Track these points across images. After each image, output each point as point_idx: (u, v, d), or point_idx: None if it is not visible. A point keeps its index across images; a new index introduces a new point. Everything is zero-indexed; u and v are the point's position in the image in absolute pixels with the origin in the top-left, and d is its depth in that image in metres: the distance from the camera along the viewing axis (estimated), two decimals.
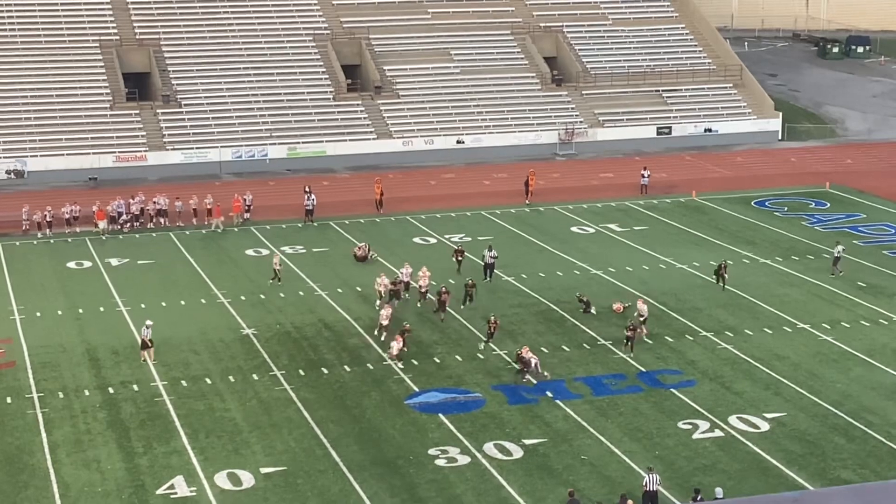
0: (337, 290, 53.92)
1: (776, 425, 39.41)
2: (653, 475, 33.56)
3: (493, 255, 55.60)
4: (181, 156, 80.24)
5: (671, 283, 55.06)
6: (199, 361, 45.44)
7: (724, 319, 49.99)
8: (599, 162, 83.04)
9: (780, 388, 42.58)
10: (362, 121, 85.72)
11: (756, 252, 60.11)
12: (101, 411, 40.73)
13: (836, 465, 36.57)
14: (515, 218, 67.55)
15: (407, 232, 64.50)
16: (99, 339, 47.84)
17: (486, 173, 79.33)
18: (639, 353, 45.91)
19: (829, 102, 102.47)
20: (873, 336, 48.07)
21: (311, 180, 72.65)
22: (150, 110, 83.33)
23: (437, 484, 35.40)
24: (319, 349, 46.83)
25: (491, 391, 42.19)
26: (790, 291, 53.81)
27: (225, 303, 52.39)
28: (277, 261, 55.55)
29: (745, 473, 36.00)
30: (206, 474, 35.86)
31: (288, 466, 36.42)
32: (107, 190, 71.51)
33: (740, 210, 69.12)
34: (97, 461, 36.86)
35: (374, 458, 36.99)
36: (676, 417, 40.03)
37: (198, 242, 62.40)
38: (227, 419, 40.03)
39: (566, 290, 53.81)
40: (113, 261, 59.09)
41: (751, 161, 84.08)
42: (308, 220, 66.37)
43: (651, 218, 67.62)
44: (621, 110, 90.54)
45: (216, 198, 66.68)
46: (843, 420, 39.86)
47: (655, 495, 33.28)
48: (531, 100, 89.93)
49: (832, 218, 67.13)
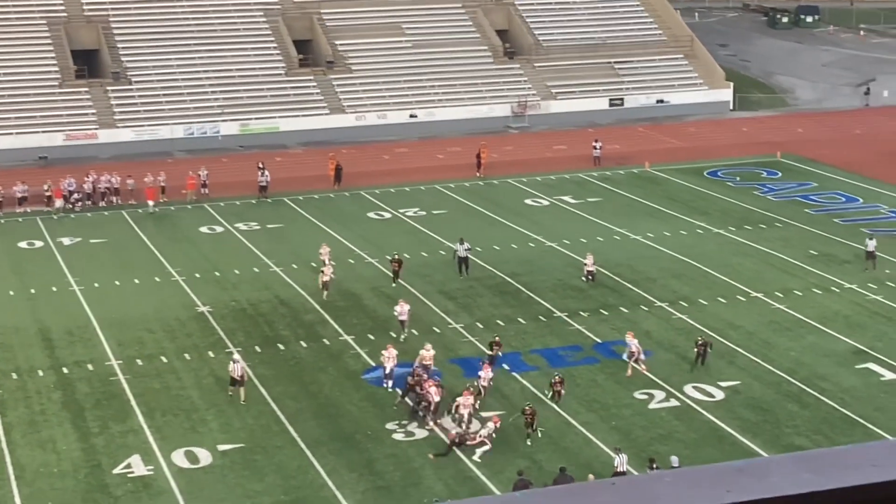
0: (292, 266, 53.75)
1: (731, 394, 39.74)
2: (622, 455, 33.50)
3: (466, 247, 52.24)
4: (132, 133, 79.59)
5: (625, 254, 55.27)
6: (154, 340, 45.21)
7: (678, 290, 50.26)
8: (552, 134, 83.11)
9: (735, 357, 42.91)
10: (315, 96, 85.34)
11: (709, 222, 60.42)
12: (56, 392, 40.46)
13: (789, 432, 36.95)
14: (469, 191, 67.54)
15: (361, 207, 64.36)
16: (52, 320, 47.47)
17: (440, 147, 79.24)
18: (594, 324, 46.13)
19: (780, 72, 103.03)
20: (826, 304, 48.50)
21: (264, 156, 72.32)
22: (99, 88, 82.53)
23: (395, 458, 35.45)
24: (275, 325, 46.71)
25: (447, 365, 42.25)
26: (743, 261, 54.17)
27: (179, 281, 52.11)
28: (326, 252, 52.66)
29: (700, 442, 36.30)
30: (162, 453, 35.73)
31: (245, 443, 36.36)
32: (57, 168, 70.83)
33: (693, 180, 69.44)
34: (52, 442, 36.64)
35: (331, 434, 36.98)
36: (632, 388, 40.27)
37: (151, 221, 61.98)
38: (184, 397, 39.88)
39: (521, 262, 53.90)
40: (65, 240, 58.61)
41: (703, 131, 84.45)
42: (262, 197, 66.08)
43: (605, 189, 67.82)
44: (574, 82, 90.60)
45: (169, 176, 66.26)
46: (797, 387, 40.24)
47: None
48: (483, 73, 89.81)
49: (784, 187, 67.57)
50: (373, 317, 47.08)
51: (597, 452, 35.58)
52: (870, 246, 51.75)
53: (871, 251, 51.61)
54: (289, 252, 56.04)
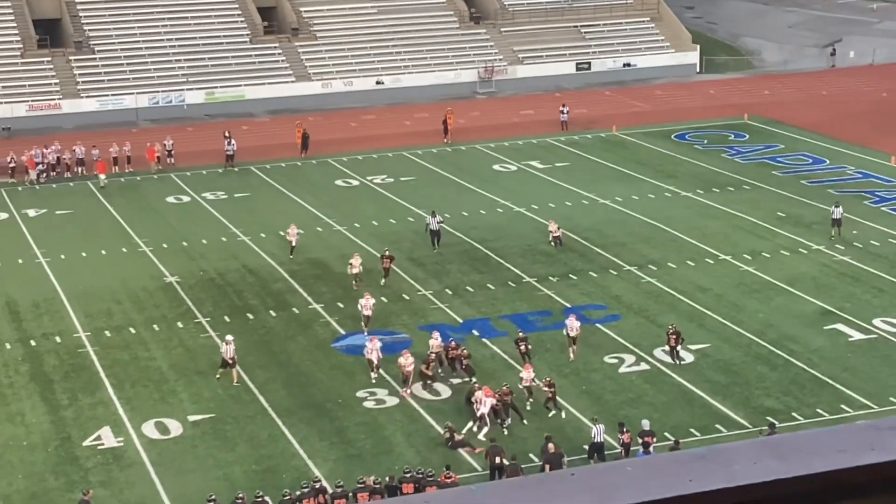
0: (260, 235, 53.53)
1: (700, 356, 39.88)
2: (598, 426, 33.23)
3: (438, 220, 51.05)
4: (96, 103, 78.94)
5: (594, 218, 55.30)
6: (122, 311, 44.98)
7: (647, 253, 50.36)
8: (519, 99, 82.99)
9: (704, 320, 43.05)
10: (280, 63, 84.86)
11: (677, 185, 60.51)
12: (24, 364, 40.24)
13: (759, 394, 37.12)
14: (437, 158, 67.40)
15: (329, 175, 64.13)
16: (18, 292, 47.14)
17: (407, 113, 78.99)
18: (563, 289, 46.17)
19: (746, 34, 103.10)
20: (793, 265, 48.69)
21: (230, 125, 71.90)
22: (62, 57, 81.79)
23: (366, 426, 35.44)
24: (244, 295, 46.56)
25: (418, 331, 42.22)
26: (711, 224, 54.29)
27: (147, 251, 51.82)
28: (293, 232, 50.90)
29: (671, 405, 36.44)
30: (133, 424, 35.61)
31: (216, 413, 36.27)
32: (21, 140, 70.24)
33: (661, 144, 69.49)
34: (21, 415, 36.45)
35: (302, 403, 36.93)
36: (602, 352, 40.36)
37: (117, 191, 61.56)
38: (153, 368, 39.73)
39: (490, 228, 53.85)
40: (30, 212, 58.17)
41: (670, 94, 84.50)
42: (228, 166, 65.73)
43: (572, 154, 67.79)
44: (540, 47, 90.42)
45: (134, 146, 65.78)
46: (766, 349, 40.42)
47: (601, 447, 32.92)
48: (450, 38, 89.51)
49: (751, 149, 67.71)
50: (342, 285, 46.94)
51: (568, 418, 35.64)
52: (836, 213, 51.50)
53: (838, 218, 51.41)
54: (256, 221, 55.79)
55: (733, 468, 2.69)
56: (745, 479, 2.66)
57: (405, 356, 37.76)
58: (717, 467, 2.70)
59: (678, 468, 2.69)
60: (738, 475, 2.67)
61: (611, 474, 2.70)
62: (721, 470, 2.69)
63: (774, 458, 2.74)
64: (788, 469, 2.68)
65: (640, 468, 2.70)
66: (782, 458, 2.74)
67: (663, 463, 2.73)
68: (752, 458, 2.73)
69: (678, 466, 2.70)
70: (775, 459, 2.73)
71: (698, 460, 2.70)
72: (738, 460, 2.72)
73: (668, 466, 2.72)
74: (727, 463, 2.71)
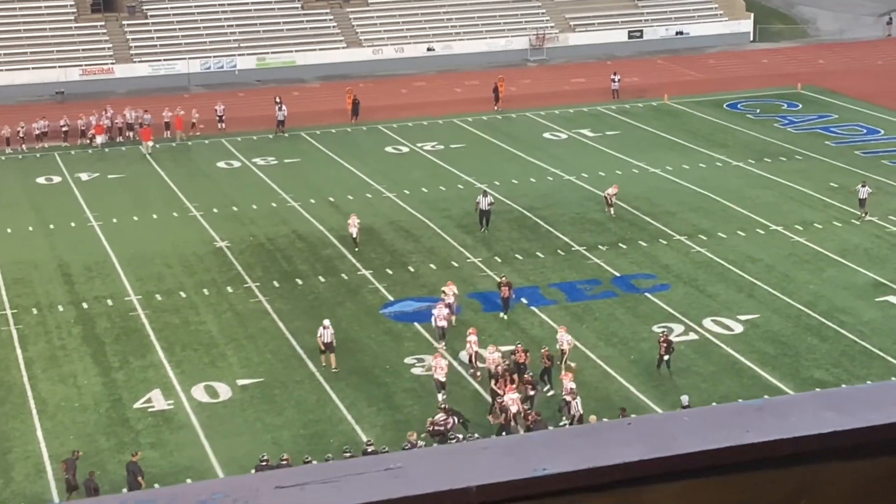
0: (310, 201, 53.69)
1: (750, 327, 39.67)
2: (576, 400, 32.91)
3: (489, 201, 49.19)
4: (149, 68, 79.35)
5: (644, 187, 55.01)
6: (172, 275, 45.31)
7: (697, 223, 50.07)
8: (570, 67, 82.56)
9: (754, 291, 42.79)
10: (331, 30, 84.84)
11: (729, 155, 60.07)
12: (76, 327, 40.65)
13: (808, 365, 36.90)
14: (487, 125, 67.25)
15: (378, 141, 64.16)
16: (71, 255, 47.59)
17: (458, 81, 78.81)
18: (613, 258, 46.03)
19: (801, 2, 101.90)
20: (845, 236, 48.25)
21: (281, 91, 72.03)
22: (115, 22, 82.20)
23: (413, 392, 35.57)
24: (293, 260, 46.75)
25: (466, 299, 42.24)
26: (763, 193, 53.88)
27: (197, 216, 52.12)
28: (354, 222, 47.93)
29: (719, 375, 36.29)
30: (182, 387, 35.92)
31: (265, 378, 36.51)
32: (74, 104, 70.72)
33: (712, 113, 68.97)
34: (73, 376, 36.85)
35: (350, 368, 37.09)
36: (651, 322, 40.21)
37: (167, 156, 61.90)
38: (203, 332, 40.02)
39: (540, 196, 53.72)
40: (83, 175, 58.63)
41: (722, 63, 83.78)
42: (279, 131, 65.91)
43: (623, 123, 67.43)
44: (592, 14, 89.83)
45: (186, 111, 66.08)
46: (816, 320, 40.13)
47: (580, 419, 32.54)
48: (502, 6, 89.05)
49: (804, 119, 67.08)
50: (391, 251, 47.06)
51: (616, 386, 35.60)
52: (862, 193, 49.78)
53: (864, 198, 50.01)
54: (306, 187, 55.96)
55: (790, 420, 2.67)
56: (802, 430, 2.64)
57: (491, 351, 35.64)
58: (774, 419, 2.69)
59: (736, 418, 2.68)
60: (796, 427, 2.65)
61: (668, 423, 2.69)
62: (778, 421, 2.67)
63: (832, 411, 2.71)
64: (846, 421, 2.66)
65: (698, 418, 2.69)
66: (840, 410, 2.71)
67: (721, 413, 2.72)
68: (810, 410, 2.71)
69: (736, 416, 2.68)
70: (832, 411, 2.71)
71: (756, 411, 2.68)
72: (794, 412, 2.70)
73: (725, 417, 2.70)
74: (784, 414, 2.69)
